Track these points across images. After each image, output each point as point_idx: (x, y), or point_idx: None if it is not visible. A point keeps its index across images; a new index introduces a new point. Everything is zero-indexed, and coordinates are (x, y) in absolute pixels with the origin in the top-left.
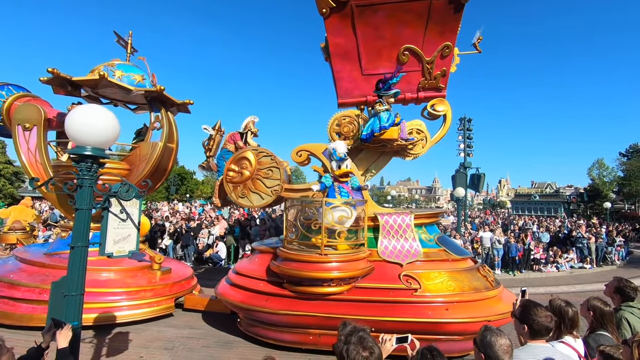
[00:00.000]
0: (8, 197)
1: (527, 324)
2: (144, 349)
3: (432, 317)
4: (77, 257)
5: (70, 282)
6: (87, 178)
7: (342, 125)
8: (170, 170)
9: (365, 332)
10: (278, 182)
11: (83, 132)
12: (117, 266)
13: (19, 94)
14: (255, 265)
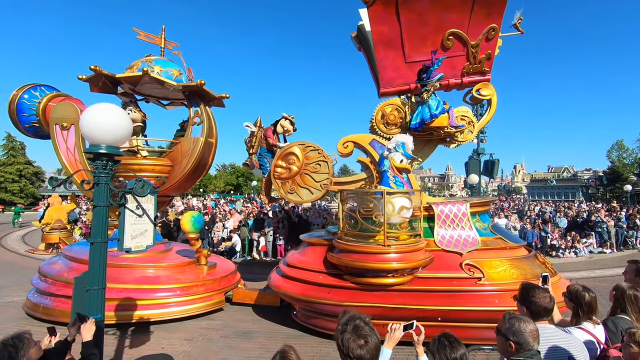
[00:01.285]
0: (29, 197)
1: (526, 305)
2: (165, 340)
3: (499, 305)
4: (97, 253)
5: (92, 277)
6: (103, 176)
7: (388, 113)
8: (210, 165)
9: (363, 320)
10: (327, 175)
11: (97, 130)
12: (165, 262)
13: (52, 94)
14: (310, 258)
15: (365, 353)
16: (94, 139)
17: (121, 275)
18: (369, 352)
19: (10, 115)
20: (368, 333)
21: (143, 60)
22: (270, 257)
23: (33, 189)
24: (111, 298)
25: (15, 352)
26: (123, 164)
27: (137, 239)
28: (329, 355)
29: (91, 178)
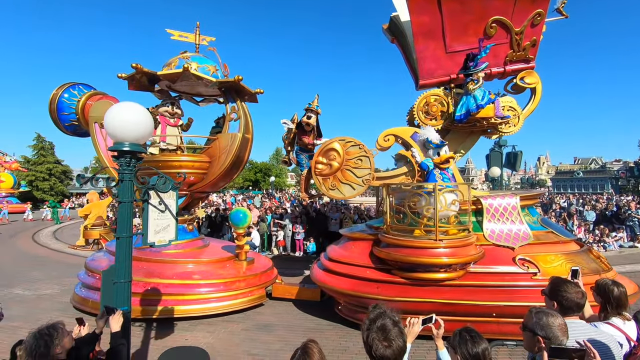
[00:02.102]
0: (59, 195)
1: (556, 300)
2: (188, 332)
3: None
4: (123, 247)
5: (119, 271)
6: (127, 172)
7: (430, 105)
8: (246, 161)
9: (392, 319)
10: (368, 171)
11: (121, 129)
12: (206, 257)
13: (90, 93)
14: (355, 252)
15: (390, 354)
16: (117, 137)
17: (164, 271)
18: (393, 354)
19: (51, 114)
20: (394, 336)
21: (180, 57)
22: (289, 252)
23: (62, 187)
24: (153, 293)
25: (51, 340)
26: (163, 160)
27: (160, 234)
28: (348, 349)
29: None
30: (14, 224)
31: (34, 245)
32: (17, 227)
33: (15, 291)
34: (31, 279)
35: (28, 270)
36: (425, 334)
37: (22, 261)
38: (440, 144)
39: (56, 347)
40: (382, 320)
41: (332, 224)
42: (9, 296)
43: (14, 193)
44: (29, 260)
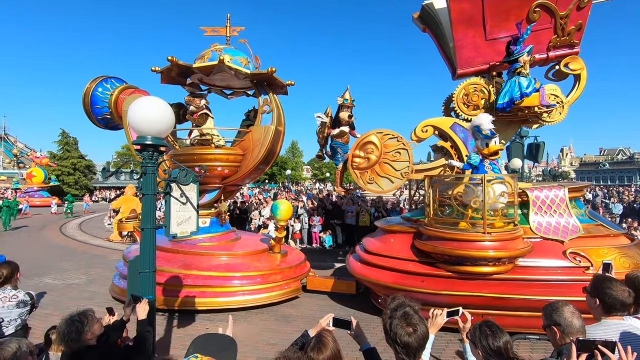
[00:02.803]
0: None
1: (599, 297)
2: (209, 321)
3: None
4: (147, 238)
5: (144, 261)
6: (150, 165)
7: (470, 94)
8: (278, 153)
9: (413, 308)
10: (407, 163)
11: (143, 123)
12: (241, 250)
13: (122, 87)
14: (395, 245)
15: (413, 341)
16: (141, 130)
17: (201, 263)
18: (417, 340)
19: (85, 107)
20: (417, 322)
21: (212, 49)
22: (305, 244)
23: (86, 181)
24: (189, 285)
25: (82, 326)
26: (198, 153)
27: (182, 226)
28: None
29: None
30: (43, 216)
31: (61, 237)
32: (46, 219)
33: (45, 280)
34: (60, 269)
35: (57, 260)
36: (450, 327)
37: (51, 252)
38: (491, 134)
39: (86, 333)
40: (404, 309)
41: (348, 216)
42: (40, 285)
43: (45, 187)
44: (58, 251)
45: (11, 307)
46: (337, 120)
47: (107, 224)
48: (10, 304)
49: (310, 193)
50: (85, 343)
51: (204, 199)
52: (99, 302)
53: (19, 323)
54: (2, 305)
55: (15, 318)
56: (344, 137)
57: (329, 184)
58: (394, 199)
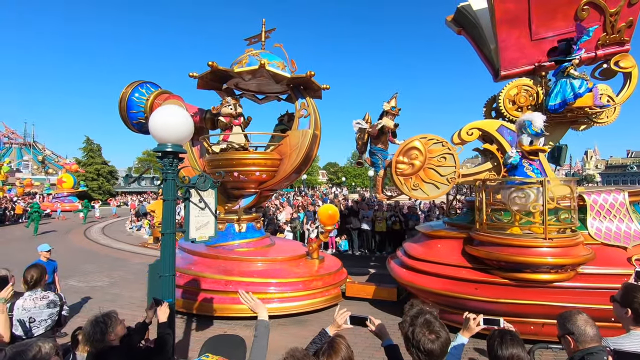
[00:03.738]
0: (106, 193)
1: (631, 307)
2: (226, 324)
3: None
4: (168, 242)
5: (164, 265)
6: (170, 172)
7: (517, 95)
8: (314, 158)
9: (433, 315)
10: (453, 169)
11: (164, 131)
12: (280, 255)
13: (158, 92)
14: (443, 251)
15: (436, 347)
16: (161, 138)
17: (242, 269)
18: (440, 346)
19: (121, 112)
20: (439, 328)
21: (249, 54)
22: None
23: (109, 186)
24: (231, 291)
25: (105, 327)
26: (237, 158)
27: (200, 230)
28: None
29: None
30: (68, 221)
31: (86, 240)
32: (72, 224)
33: (70, 282)
34: (84, 272)
35: (81, 263)
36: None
37: (76, 255)
38: (540, 132)
39: (110, 334)
40: (425, 316)
41: (364, 221)
42: (66, 287)
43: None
44: (82, 254)
45: (42, 307)
46: (381, 129)
47: (129, 228)
48: (42, 303)
49: (327, 197)
50: (109, 344)
51: (240, 204)
52: (121, 304)
53: (49, 324)
54: (34, 306)
55: (46, 318)
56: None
57: (344, 188)
58: (410, 204)
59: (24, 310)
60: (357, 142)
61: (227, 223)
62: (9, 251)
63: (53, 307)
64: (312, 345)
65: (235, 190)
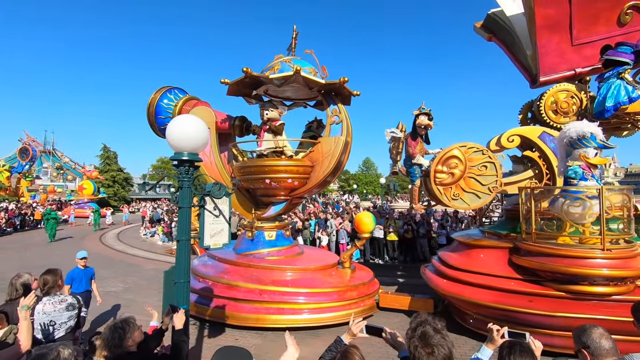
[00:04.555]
0: (121, 200)
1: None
2: (237, 332)
3: None
4: (183, 249)
5: (179, 271)
6: (186, 180)
7: (560, 100)
8: (344, 165)
9: (433, 327)
10: (494, 177)
11: (180, 139)
12: (312, 264)
13: (186, 98)
14: (487, 261)
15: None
16: (177, 147)
17: (275, 278)
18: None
19: (149, 117)
20: (437, 342)
21: (281, 60)
22: None
23: (124, 193)
24: (265, 301)
25: (124, 333)
26: (269, 165)
27: (214, 238)
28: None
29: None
30: (83, 227)
31: (101, 246)
32: (87, 230)
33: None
34: (99, 277)
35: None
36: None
37: (92, 261)
38: (603, 144)
39: (128, 340)
40: (423, 328)
41: (376, 229)
42: None
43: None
44: (98, 260)
45: (62, 311)
46: (414, 129)
47: (143, 234)
48: (61, 307)
49: (338, 205)
50: (126, 349)
51: (269, 212)
52: (135, 310)
53: (69, 326)
54: (54, 309)
55: (66, 321)
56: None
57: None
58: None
59: (44, 314)
60: (391, 151)
61: (257, 231)
62: (28, 256)
63: (72, 309)
64: (327, 353)
65: (264, 198)
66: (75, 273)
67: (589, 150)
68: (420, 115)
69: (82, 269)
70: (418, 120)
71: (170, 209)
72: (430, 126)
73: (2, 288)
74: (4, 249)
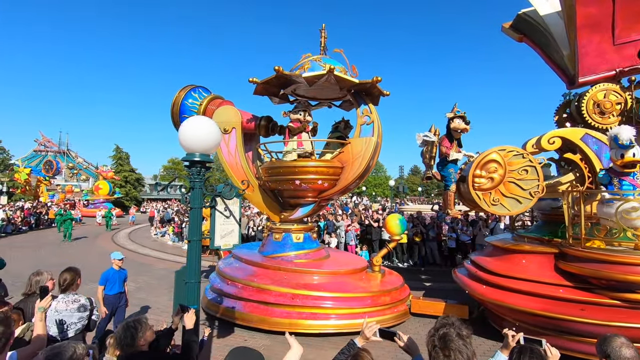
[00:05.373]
0: (132, 200)
1: None
2: (246, 332)
3: None
4: (193, 250)
5: (190, 272)
6: (197, 181)
7: (602, 100)
8: (373, 166)
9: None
10: (536, 182)
11: (192, 141)
12: (343, 268)
13: (210, 97)
14: (531, 267)
15: None
16: (189, 148)
17: (305, 281)
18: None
19: (173, 116)
20: (456, 347)
21: (311, 59)
22: None
23: (135, 193)
24: (297, 305)
25: (136, 332)
26: (299, 166)
27: (225, 238)
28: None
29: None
30: (93, 227)
31: (113, 246)
32: (98, 229)
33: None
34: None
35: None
36: None
37: (104, 260)
38: (628, 144)
39: (140, 339)
40: (446, 330)
41: (383, 232)
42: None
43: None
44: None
45: (73, 311)
46: (449, 132)
47: (154, 234)
48: (73, 307)
49: (347, 207)
50: (138, 349)
51: (297, 214)
52: (146, 309)
53: (79, 327)
54: (65, 309)
55: (76, 322)
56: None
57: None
58: (434, 214)
59: (56, 312)
60: (424, 156)
61: (284, 233)
62: (43, 255)
63: (83, 310)
64: (340, 356)
65: (291, 199)
66: (110, 274)
67: (612, 151)
68: (455, 119)
69: (117, 270)
70: (453, 124)
71: (180, 209)
72: (467, 130)
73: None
74: (20, 247)
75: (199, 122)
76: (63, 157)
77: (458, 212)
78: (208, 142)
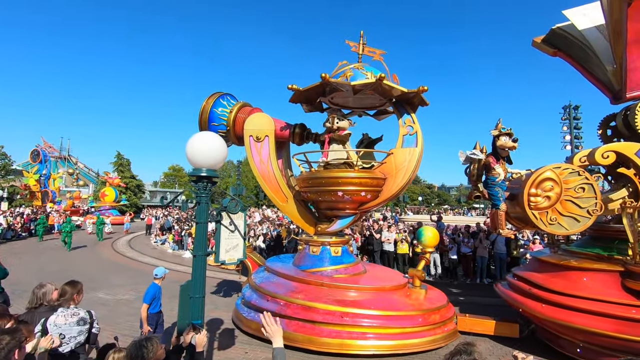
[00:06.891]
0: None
1: None
2: (247, 345)
3: None
4: (199, 264)
5: (195, 286)
6: (203, 196)
7: None
8: (414, 177)
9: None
10: (594, 200)
11: (199, 156)
12: (387, 283)
13: (240, 104)
14: (595, 286)
15: None
16: (196, 163)
17: (352, 297)
18: None
19: (202, 125)
20: None
21: (352, 67)
22: None
23: (136, 200)
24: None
25: (147, 352)
26: (342, 177)
27: (230, 252)
28: None
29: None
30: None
31: (113, 253)
32: (92, 238)
33: (98, 295)
34: (111, 285)
35: (109, 276)
36: None
37: (104, 268)
38: None
39: (151, 358)
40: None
41: (386, 243)
42: (94, 299)
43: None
44: (110, 267)
45: (72, 324)
46: (495, 150)
47: (154, 242)
48: (72, 320)
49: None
50: None
51: (335, 226)
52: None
53: (78, 340)
54: (65, 322)
55: (75, 335)
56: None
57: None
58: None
59: (55, 326)
60: (470, 174)
61: (322, 246)
62: (43, 262)
63: (83, 324)
64: None
65: (329, 211)
66: (157, 291)
67: None
68: (501, 137)
69: (159, 286)
70: (499, 142)
71: (180, 217)
72: (514, 148)
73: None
74: (20, 254)
75: (206, 138)
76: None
77: (510, 231)
78: (215, 158)
